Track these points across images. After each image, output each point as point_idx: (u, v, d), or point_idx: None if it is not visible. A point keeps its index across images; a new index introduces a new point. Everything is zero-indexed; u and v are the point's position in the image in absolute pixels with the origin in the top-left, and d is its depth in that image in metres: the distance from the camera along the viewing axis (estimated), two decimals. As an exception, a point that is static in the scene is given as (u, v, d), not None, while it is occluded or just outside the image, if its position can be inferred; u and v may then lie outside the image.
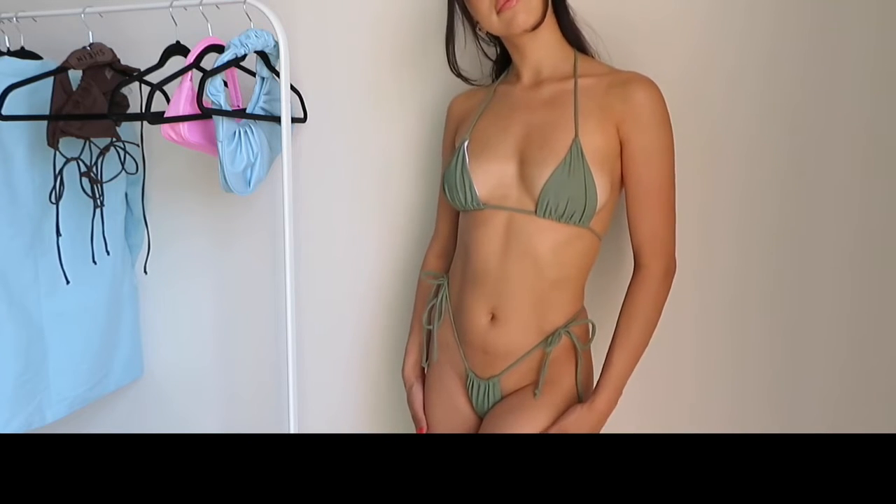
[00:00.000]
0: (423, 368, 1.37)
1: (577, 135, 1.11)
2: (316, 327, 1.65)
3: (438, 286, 1.31)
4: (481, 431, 1.22)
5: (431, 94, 1.51)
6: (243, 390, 1.75)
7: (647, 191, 1.14)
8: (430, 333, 1.33)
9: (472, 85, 1.33)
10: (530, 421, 1.16)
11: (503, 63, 1.33)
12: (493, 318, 1.18)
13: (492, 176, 1.17)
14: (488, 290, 1.17)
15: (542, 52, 1.20)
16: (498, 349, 1.19)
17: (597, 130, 1.12)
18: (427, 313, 1.32)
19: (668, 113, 1.14)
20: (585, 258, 1.17)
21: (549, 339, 1.16)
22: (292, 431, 1.46)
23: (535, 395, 1.17)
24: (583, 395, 1.20)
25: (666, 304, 1.24)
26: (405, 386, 1.39)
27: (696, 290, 1.40)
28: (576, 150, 1.10)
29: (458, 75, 1.31)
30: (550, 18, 1.17)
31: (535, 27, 1.14)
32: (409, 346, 1.40)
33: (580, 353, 1.18)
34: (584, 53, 1.24)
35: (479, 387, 1.23)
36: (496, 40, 1.30)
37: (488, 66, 1.37)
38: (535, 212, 1.12)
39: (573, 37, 1.23)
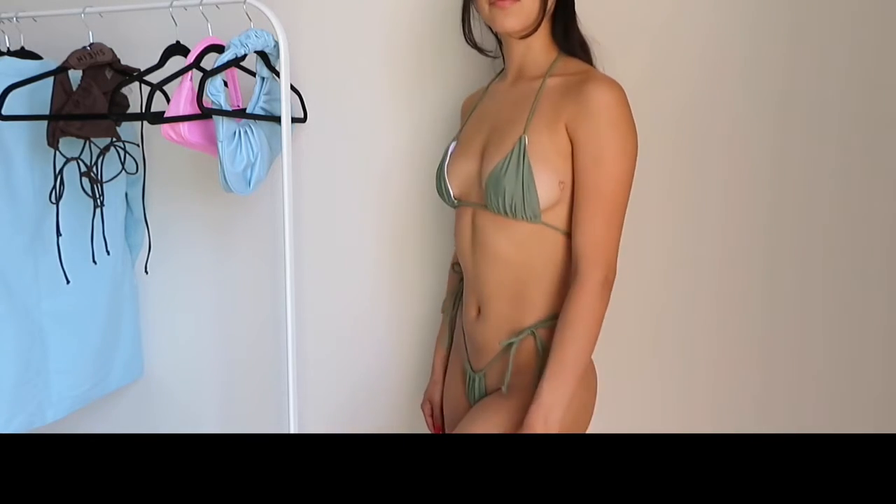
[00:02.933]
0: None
1: (524, 132, 1.12)
2: (316, 327, 1.65)
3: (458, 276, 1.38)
4: (457, 429, 1.21)
5: (431, 94, 1.51)
6: (243, 390, 1.75)
7: (590, 195, 1.08)
8: (452, 320, 1.39)
9: (488, 56, 1.33)
10: (488, 421, 1.14)
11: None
12: (479, 311, 1.22)
13: (461, 174, 1.21)
14: (471, 285, 1.23)
15: (528, 53, 1.20)
16: (481, 343, 1.22)
17: (544, 129, 1.11)
18: (452, 301, 1.39)
19: (627, 117, 1.09)
20: (553, 255, 1.14)
21: (516, 337, 1.17)
22: (292, 431, 1.46)
23: (503, 391, 1.16)
24: None
25: (668, 306, 1.24)
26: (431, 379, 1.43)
27: (699, 291, 1.40)
28: (518, 147, 1.11)
29: (474, 46, 1.31)
30: (544, 27, 1.17)
31: (524, 36, 1.15)
32: (438, 337, 1.45)
33: (540, 355, 1.14)
34: (588, 63, 1.22)
35: (472, 379, 1.25)
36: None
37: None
38: (486, 206, 1.15)
39: (577, 47, 1.21)
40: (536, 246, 1.14)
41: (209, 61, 1.37)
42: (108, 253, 1.67)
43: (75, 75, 1.44)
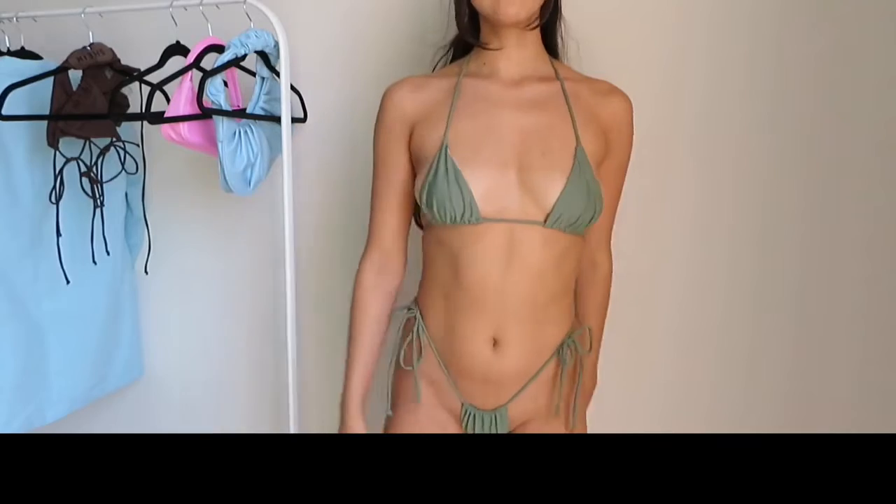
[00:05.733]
0: (387, 416, 1.21)
1: (578, 142, 1.07)
2: (316, 327, 1.65)
3: (409, 318, 1.18)
4: None
5: (431, 94, 1.51)
6: (243, 390, 1.75)
7: (610, 196, 1.16)
8: (398, 374, 1.20)
9: (489, 50, 1.14)
10: None
11: (460, 49, 1.23)
12: (496, 343, 1.09)
13: (488, 185, 1.05)
14: (488, 313, 1.08)
15: (527, 49, 1.13)
16: (505, 377, 1.10)
17: (594, 138, 1.10)
18: (401, 352, 1.17)
19: None
20: (577, 266, 1.15)
21: (559, 354, 1.12)
22: (292, 431, 1.46)
23: (556, 411, 1.13)
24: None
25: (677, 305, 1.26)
26: (343, 427, 1.20)
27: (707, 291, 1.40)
28: (582, 158, 1.06)
29: (468, 33, 1.15)
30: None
31: (525, 25, 1.09)
32: (350, 383, 1.20)
33: (582, 362, 1.16)
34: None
35: (481, 420, 1.13)
36: (471, 21, 1.15)
37: None
38: (545, 222, 1.05)
39: (554, 43, 1.20)
40: (572, 256, 1.11)
41: (209, 61, 1.37)
42: (108, 253, 1.67)
43: (75, 75, 1.44)
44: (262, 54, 1.41)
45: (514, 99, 1.11)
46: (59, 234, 1.52)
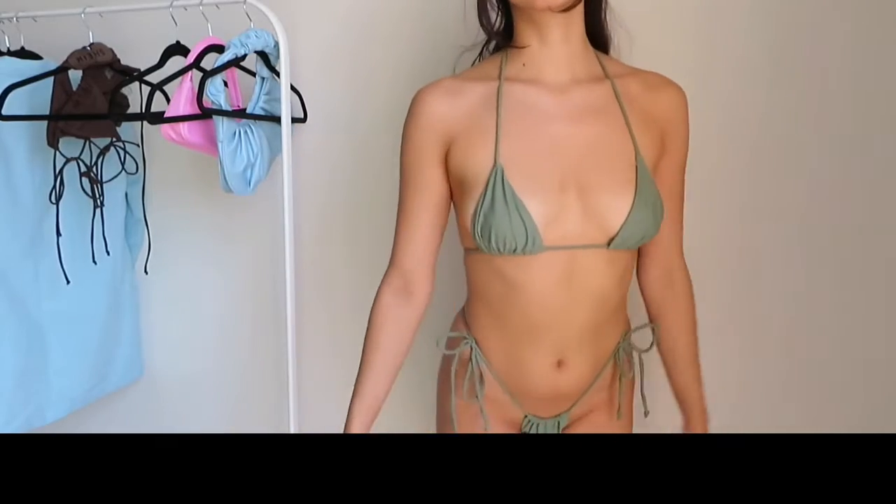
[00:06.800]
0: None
1: (637, 152, 0.98)
2: (316, 327, 1.65)
3: (465, 350, 1.11)
4: None
5: (431, 94, 1.51)
6: (243, 390, 1.75)
7: (674, 197, 1.08)
8: (459, 404, 1.11)
9: (514, 48, 1.03)
10: None
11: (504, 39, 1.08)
12: (561, 363, 1.04)
13: (550, 211, 0.96)
14: (551, 338, 1.03)
15: (572, 45, 1.00)
16: (570, 391, 1.08)
17: (650, 141, 1.01)
18: (466, 384, 1.09)
19: None
20: (633, 272, 1.09)
21: (616, 359, 1.10)
22: (292, 431, 1.46)
23: (618, 416, 1.12)
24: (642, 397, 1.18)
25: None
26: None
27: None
28: (643, 171, 0.98)
29: (491, 32, 1.06)
30: (580, 7, 0.99)
31: (569, 8, 0.94)
32: (352, 415, 1.10)
33: (637, 361, 1.15)
34: (606, 52, 1.11)
35: (541, 425, 1.12)
36: (505, 14, 1.06)
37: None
38: (608, 245, 0.98)
39: (599, 33, 1.08)
40: (631, 268, 1.06)
41: (209, 61, 1.37)
42: (108, 253, 1.67)
43: (75, 75, 1.44)
44: (262, 54, 1.41)
45: (564, 108, 1.00)
46: (59, 233, 1.52)
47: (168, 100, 1.46)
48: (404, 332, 1.12)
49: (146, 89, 1.48)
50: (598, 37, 1.07)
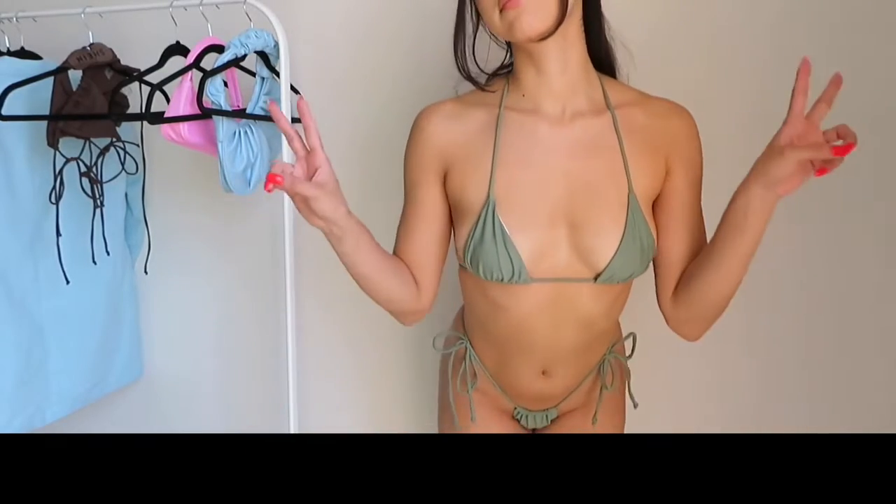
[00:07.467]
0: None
1: (630, 188, 0.97)
2: (316, 328, 1.65)
3: (460, 349, 1.18)
4: None
5: (433, 95, 1.51)
6: (243, 390, 1.75)
7: (688, 211, 1.02)
8: (456, 395, 1.18)
9: (487, 91, 1.05)
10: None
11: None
12: (545, 373, 1.10)
13: (538, 246, 0.98)
14: (537, 356, 1.07)
15: (571, 73, 0.99)
16: (553, 394, 1.14)
17: (652, 172, 0.99)
18: (459, 379, 1.17)
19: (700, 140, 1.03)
20: (625, 299, 1.10)
21: (600, 370, 1.14)
22: (292, 431, 1.46)
23: (593, 422, 1.16)
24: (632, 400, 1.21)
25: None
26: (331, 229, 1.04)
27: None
28: (634, 207, 0.97)
29: (468, 77, 1.05)
30: (578, 33, 0.98)
31: (546, 36, 0.92)
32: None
33: (625, 367, 1.20)
34: (613, 76, 1.07)
35: (533, 418, 1.18)
36: (507, 46, 1.08)
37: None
38: (595, 280, 0.99)
39: (603, 56, 1.04)
40: (620, 300, 1.07)
41: (209, 61, 1.37)
42: (108, 253, 1.67)
43: (75, 75, 1.44)
44: (262, 54, 1.41)
45: (562, 142, 0.99)
46: (58, 234, 1.52)
47: (168, 100, 1.46)
48: (401, 275, 1.06)
49: (146, 89, 1.48)
50: (602, 60, 1.05)
